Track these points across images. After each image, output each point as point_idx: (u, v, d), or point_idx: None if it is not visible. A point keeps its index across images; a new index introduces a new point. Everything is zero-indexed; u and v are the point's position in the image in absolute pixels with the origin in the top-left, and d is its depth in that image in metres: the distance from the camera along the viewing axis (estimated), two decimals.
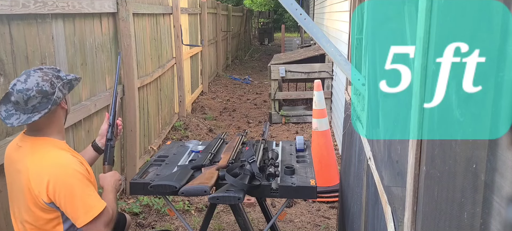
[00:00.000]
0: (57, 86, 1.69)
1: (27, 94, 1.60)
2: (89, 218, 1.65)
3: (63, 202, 1.63)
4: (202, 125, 6.10)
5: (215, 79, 10.20)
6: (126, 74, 3.70)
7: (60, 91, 1.69)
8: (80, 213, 1.65)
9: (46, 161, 1.65)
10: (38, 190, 1.62)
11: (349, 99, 2.65)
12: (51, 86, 1.66)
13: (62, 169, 1.65)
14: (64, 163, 1.67)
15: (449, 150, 0.77)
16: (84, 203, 1.66)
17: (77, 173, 1.67)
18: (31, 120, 1.62)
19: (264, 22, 23.66)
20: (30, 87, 1.61)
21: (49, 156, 1.67)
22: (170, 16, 5.65)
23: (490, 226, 0.61)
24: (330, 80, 6.10)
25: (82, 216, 1.65)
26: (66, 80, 1.75)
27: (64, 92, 1.73)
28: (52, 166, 1.64)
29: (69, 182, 1.64)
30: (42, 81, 1.64)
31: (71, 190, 1.63)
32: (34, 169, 1.63)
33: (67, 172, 1.65)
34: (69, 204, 1.64)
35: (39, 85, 1.63)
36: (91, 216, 1.65)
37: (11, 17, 2.12)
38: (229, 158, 2.20)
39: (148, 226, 3.29)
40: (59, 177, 1.63)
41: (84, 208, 1.65)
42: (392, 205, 1.24)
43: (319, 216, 3.47)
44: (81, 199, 1.65)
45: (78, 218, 1.65)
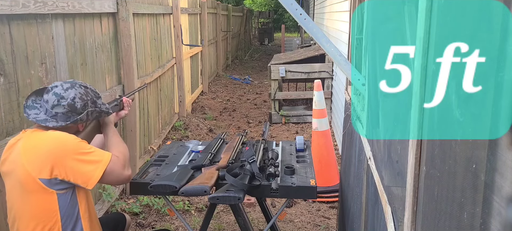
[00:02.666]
0: (87, 110, 1.74)
1: (59, 102, 1.67)
2: (102, 169, 1.65)
3: (70, 169, 1.62)
4: (202, 125, 6.10)
5: (215, 79, 10.20)
6: (126, 74, 3.70)
7: (86, 115, 1.74)
8: (91, 167, 1.65)
9: (41, 140, 1.65)
10: (36, 169, 1.60)
11: (349, 99, 2.65)
12: (83, 107, 1.72)
13: (60, 140, 1.65)
14: (59, 135, 1.67)
15: (449, 150, 0.77)
16: (91, 157, 1.66)
17: (74, 139, 1.67)
18: (46, 123, 1.67)
19: (264, 22, 23.65)
20: (65, 97, 1.68)
21: (45, 136, 1.67)
22: (170, 16, 5.65)
23: (490, 226, 0.61)
24: (330, 80, 6.10)
25: (95, 170, 1.65)
26: (99, 109, 1.80)
27: (90, 118, 1.77)
28: (49, 141, 1.64)
29: (71, 148, 1.64)
30: (79, 99, 1.71)
31: (75, 153, 1.63)
32: (29, 151, 1.63)
33: (65, 141, 1.65)
34: (76, 166, 1.63)
35: (74, 100, 1.69)
36: (103, 166, 1.66)
37: (11, 17, 2.12)
38: (229, 158, 2.20)
39: (148, 226, 3.29)
40: (60, 147, 1.63)
41: (93, 162, 1.66)
42: (392, 205, 1.24)
43: (319, 216, 3.47)
44: (86, 155, 1.65)
45: (92, 174, 1.65)
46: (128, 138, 3.78)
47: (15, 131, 2.14)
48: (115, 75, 3.59)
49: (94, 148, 1.72)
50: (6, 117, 2.10)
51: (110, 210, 3.31)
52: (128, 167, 1.78)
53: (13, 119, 2.15)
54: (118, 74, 3.66)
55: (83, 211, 1.75)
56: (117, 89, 3.56)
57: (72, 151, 1.63)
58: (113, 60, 3.54)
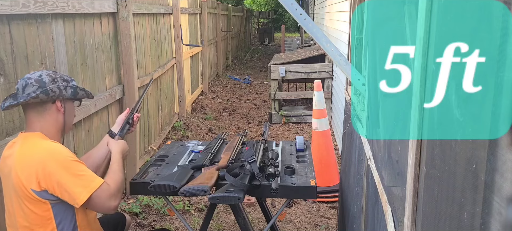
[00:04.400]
0: (57, 84, 1.69)
1: (27, 81, 1.65)
2: (88, 193, 1.61)
3: (57, 185, 1.59)
4: (202, 125, 6.10)
5: (215, 79, 10.20)
6: (126, 74, 3.70)
7: (58, 88, 1.69)
8: (78, 190, 1.60)
9: (34, 149, 1.63)
10: (27, 179, 1.58)
11: (349, 99, 2.65)
12: (52, 81, 1.69)
13: (52, 153, 1.62)
14: (52, 148, 1.65)
15: (449, 150, 0.77)
16: (81, 179, 1.62)
17: (67, 155, 1.64)
18: (16, 101, 1.64)
19: (264, 22, 23.67)
20: (32, 77, 1.67)
21: (38, 145, 1.65)
22: (170, 16, 5.65)
23: (490, 226, 0.61)
24: (330, 80, 6.10)
25: (81, 193, 1.60)
26: (72, 85, 1.76)
27: (64, 93, 1.71)
28: (40, 152, 1.62)
29: (61, 163, 1.61)
30: (46, 75, 1.69)
31: (64, 169, 1.60)
32: (21, 159, 1.61)
33: (57, 155, 1.63)
34: (64, 184, 1.59)
35: (41, 76, 1.68)
36: (90, 191, 1.61)
37: (11, 17, 2.12)
38: (229, 158, 2.19)
39: (148, 226, 3.29)
40: (49, 160, 1.60)
41: (81, 184, 1.61)
42: (392, 205, 1.24)
43: (319, 216, 3.47)
44: (76, 177, 1.61)
45: (77, 196, 1.60)
46: (128, 138, 3.77)
47: (15, 130, 2.14)
48: (115, 75, 3.59)
49: (87, 170, 1.68)
50: (6, 116, 2.10)
51: None
52: (117, 198, 1.72)
53: (13, 118, 2.15)
54: (118, 74, 3.66)
55: (80, 219, 1.73)
56: (117, 89, 3.56)
57: (62, 168, 1.60)
58: (113, 60, 3.54)
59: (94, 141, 3.17)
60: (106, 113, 3.41)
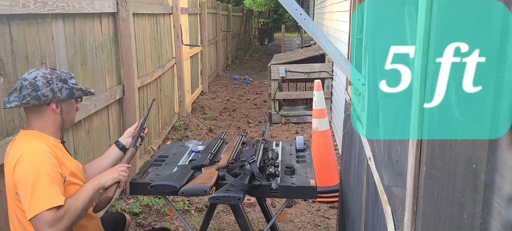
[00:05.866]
0: (51, 86, 1.67)
1: (22, 83, 1.64)
2: (33, 212, 1.51)
3: (21, 190, 1.54)
4: (202, 125, 6.10)
5: (215, 79, 10.19)
6: (126, 74, 3.70)
7: (51, 92, 1.67)
8: (30, 204, 1.52)
9: (20, 149, 1.61)
10: (12, 178, 1.59)
11: (349, 99, 2.65)
12: (46, 84, 1.66)
13: (29, 158, 1.58)
14: (34, 152, 1.60)
15: (449, 150, 0.77)
16: (37, 194, 1.52)
17: (42, 164, 1.57)
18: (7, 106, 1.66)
19: (264, 22, 23.66)
20: (27, 78, 1.65)
21: (25, 145, 1.63)
22: (170, 16, 5.65)
23: (490, 226, 0.61)
24: (330, 80, 6.10)
25: (31, 208, 1.52)
26: (69, 86, 1.73)
27: (58, 95, 1.69)
28: (22, 153, 1.59)
29: (31, 169, 1.55)
30: (41, 76, 1.67)
31: (29, 177, 1.54)
32: (11, 157, 1.62)
33: (33, 160, 1.57)
34: (23, 192, 1.54)
35: (35, 78, 1.65)
36: (36, 211, 1.50)
37: (11, 17, 2.12)
38: (229, 158, 2.20)
39: (148, 226, 3.29)
40: (22, 163, 1.56)
41: (34, 199, 1.52)
42: (392, 205, 1.24)
43: (319, 216, 3.47)
44: (34, 189, 1.52)
45: (28, 209, 1.52)
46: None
47: (15, 130, 2.14)
48: (115, 75, 3.59)
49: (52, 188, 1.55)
50: (6, 116, 2.10)
51: (110, 209, 3.31)
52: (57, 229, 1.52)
53: (13, 118, 2.15)
54: (118, 74, 3.66)
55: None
56: (117, 89, 3.55)
57: (30, 176, 1.54)
58: (113, 60, 3.54)
59: (94, 141, 3.17)
60: (106, 113, 3.41)
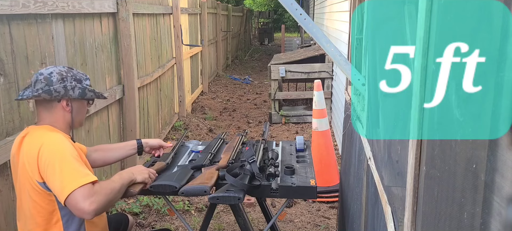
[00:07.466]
0: (65, 84, 1.71)
1: (38, 77, 1.69)
2: (68, 190, 1.51)
3: (50, 174, 1.55)
4: (202, 125, 6.10)
5: (215, 79, 10.19)
6: (126, 74, 3.70)
7: (64, 89, 1.70)
8: (62, 184, 1.53)
9: (38, 140, 1.63)
10: (33, 171, 1.59)
11: (349, 99, 2.65)
12: (60, 80, 1.70)
13: (51, 144, 1.61)
14: (54, 139, 1.63)
15: (449, 150, 0.77)
16: (68, 174, 1.54)
17: (65, 148, 1.61)
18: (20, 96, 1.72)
19: (264, 22, 23.67)
20: (43, 73, 1.70)
21: (42, 136, 1.65)
22: (170, 16, 5.65)
23: (490, 226, 0.61)
24: (330, 80, 6.10)
25: (64, 187, 1.52)
26: (82, 86, 1.76)
27: (70, 93, 1.72)
28: (40, 143, 1.61)
29: (56, 153, 1.58)
30: (57, 73, 1.71)
31: (56, 161, 1.56)
32: (28, 151, 1.63)
33: (55, 145, 1.61)
34: (51, 175, 1.55)
35: (51, 74, 1.70)
36: (71, 188, 1.51)
37: (11, 17, 2.12)
38: (229, 158, 2.19)
39: (148, 226, 3.29)
40: (46, 150, 1.59)
41: (66, 179, 1.53)
42: (392, 205, 1.24)
43: (319, 216, 3.47)
44: (64, 170, 1.55)
45: (61, 190, 1.53)
46: (128, 138, 3.77)
47: (15, 130, 2.14)
48: (115, 75, 3.59)
49: (81, 167, 1.59)
50: (6, 116, 2.10)
51: (110, 210, 3.31)
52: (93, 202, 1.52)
53: (13, 118, 2.15)
54: (118, 74, 3.66)
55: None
56: (117, 89, 3.56)
57: (57, 160, 1.57)
58: (113, 60, 3.54)
59: (94, 141, 3.17)
60: (106, 113, 3.41)
